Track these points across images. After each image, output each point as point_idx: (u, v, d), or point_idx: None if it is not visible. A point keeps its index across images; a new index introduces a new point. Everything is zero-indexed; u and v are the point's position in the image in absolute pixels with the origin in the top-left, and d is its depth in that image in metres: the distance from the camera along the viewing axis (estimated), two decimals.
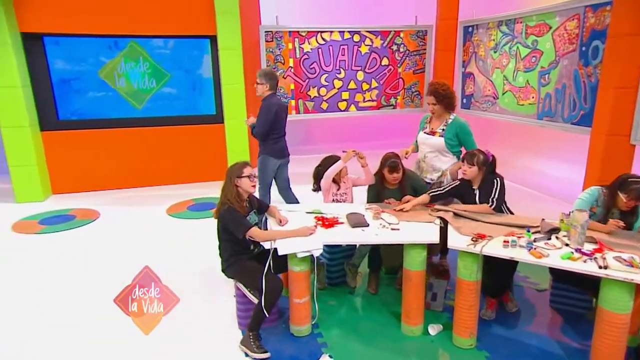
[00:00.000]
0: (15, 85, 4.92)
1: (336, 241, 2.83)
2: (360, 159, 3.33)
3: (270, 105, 3.90)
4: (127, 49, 5.55)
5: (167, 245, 4.08)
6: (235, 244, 2.78)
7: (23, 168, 5.17)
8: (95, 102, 5.62)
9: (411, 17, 6.41)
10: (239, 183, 2.77)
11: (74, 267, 3.63)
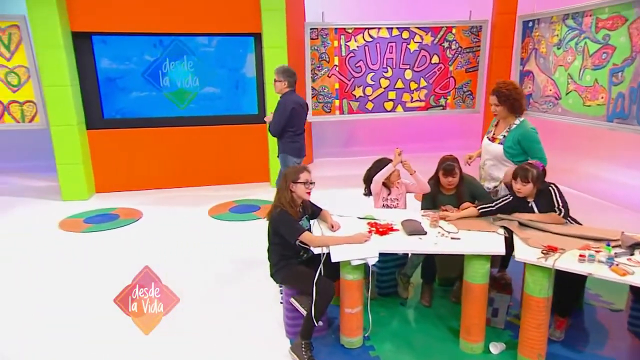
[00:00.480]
0: (65, 84, 5.21)
1: (392, 249, 2.81)
2: (405, 165, 3.28)
3: (286, 103, 3.97)
4: (172, 47, 5.76)
5: (210, 247, 4.19)
6: (284, 248, 2.81)
7: (70, 166, 5.46)
8: (139, 101, 5.86)
9: (464, 12, 6.28)
10: (294, 188, 2.80)
11: (117, 267, 3.78)
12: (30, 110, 5.59)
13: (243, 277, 3.62)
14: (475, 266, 2.67)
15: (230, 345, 2.79)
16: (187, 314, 3.07)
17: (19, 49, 5.34)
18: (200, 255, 4.01)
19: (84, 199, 5.56)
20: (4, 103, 5.49)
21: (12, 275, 3.66)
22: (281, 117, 3.96)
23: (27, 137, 6.39)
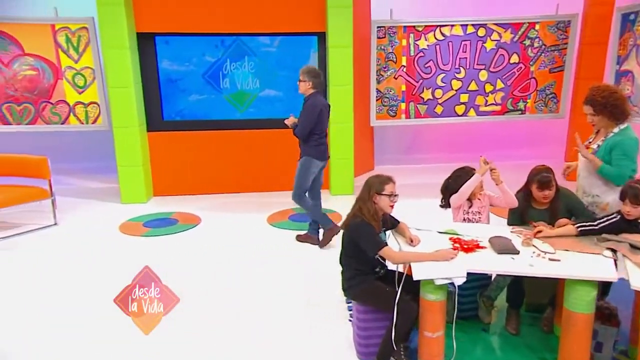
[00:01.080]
0: (128, 86, 5.49)
1: (481, 269, 2.68)
2: (493, 174, 3.13)
3: (315, 105, 4.05)
4: (233, 47, 5.93)
5: (270, 257, 4.22)
6: (359, 262, 2.77)
7: (130, 169, 5.73)
8: (199, 103, 6.06)
9: (550, 6, 5.99)
10: (377, 200, 2.75)
11: (177, 273, 3.89)
12: (93, 111, 5.94)
13: (307, 290, 3.60)
14: (579, 292, 2.48)
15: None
16: (248, 328, 3.10)
17: (87, 51, 5.70)
18: (260, 265, 4.05)
19: (143, 202, 5.82)
20: (70, 104, 5.87)
21: (75, 277, 3.86)
22: (310, 120, 4.05)
23: (89, 138, 6.80)
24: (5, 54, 5.60)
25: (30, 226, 4.96)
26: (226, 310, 3.32)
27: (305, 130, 4.09)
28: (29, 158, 4.93)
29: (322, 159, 4.20)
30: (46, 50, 5.65)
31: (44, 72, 5.73)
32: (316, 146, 4.15)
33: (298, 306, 3.37)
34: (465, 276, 2.54)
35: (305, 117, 4.10)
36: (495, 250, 2.74)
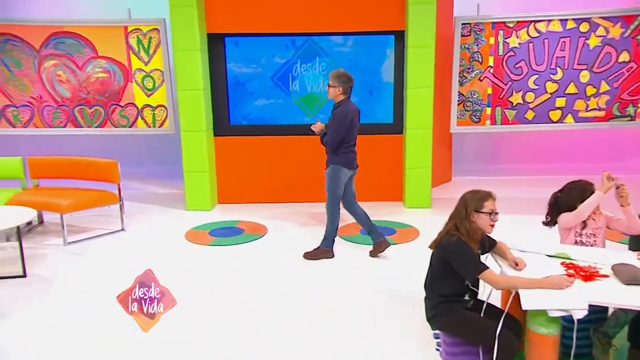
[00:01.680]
0: (198, 88, 5.65)
1: (606, 302, 2.42)
2: (621, 192, 2.85)
3: (347, 112, 4.08)
4: (305, 48, 5.94)
5: (343, 273, 4.12)
6: (447, 287, 2.62)
7: (196, 174, 5.87)
8: (267, 107, 6.12)
9: None
10: (476, 218, 2.58)
11: (246, 285, 3.90)
12: (161, 114, 6.17)
13: (383, 312, 3.46)
14: None
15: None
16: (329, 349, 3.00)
17: (157, 53, 5.94)
18: (332, 282, 3.96)
19: (207, 210, 5.93)
20: (139, 107, 6.14)
21: None
22: (341, 128, 4.09)
23: (154, 142, 7.09)
24: (79, 56, 5.96)
25: (99, 231, 5.20)
26: (298, 328, 3.26)
27: (336, 139, 4.11)
28: (99, 162, 5.18)
29: (351, 167, 4.24)
30: (118, 53, 5.95)
31: (115, 74, 6.04)
32: (345, 154, 4.19)
33: (375, 330, 3.23)
34: (587, 308, 2.31)
35: (336, 125, 4.11)
36: (621, 280, 2.48)
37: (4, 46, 5.87)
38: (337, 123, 4.12)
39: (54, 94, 6.07)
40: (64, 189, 5.20)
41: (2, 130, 6.18)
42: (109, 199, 5.10)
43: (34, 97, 6.08)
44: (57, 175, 5.36)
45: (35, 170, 5.32)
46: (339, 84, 4.14)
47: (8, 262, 4.36)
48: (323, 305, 3.58)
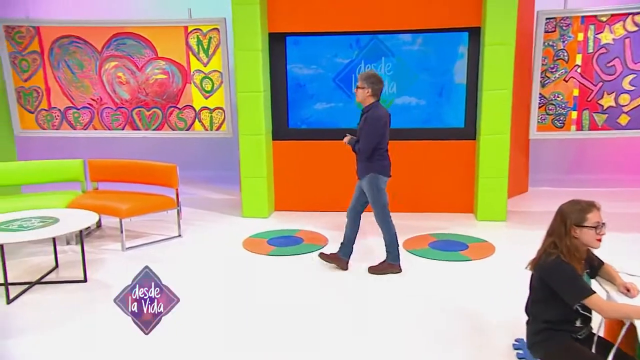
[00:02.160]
0: (258, 90, 5.64)
1: None
2: None
3: (379, 117, 4.02)
4: (370, 47, 5.81)
5: (411, 289, 3.95)
6: (551, 312, 2.38)
7: (254, 180, 5.86)
8: (327, 110, 6.04)
9: None
10: (579, 233, 2.34)
11: (307, 298, 3.81)
12: (218, 117, 6.22)
13: (459, 336, 3.25)
14: None
15: None
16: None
17: (216, 54, 5.99)
18: (398, 299, 3.79)
19: (264, 217, 5.91)
20: (196, 110, 6.22)
21: (201, 295, 3.93)
22: (375, 133, 4.04)
23: (211, 146, 7.17)
24: (140, 57, 6.11)
25: (156, 236, 5.28)
26: (364, 346, 3.11)
27: (370, 145, 4.05)
28: (159, 165, 5.26)
29: (388, 174, 4.19)
30: (177, 53, 6.05)
31: (174, 75, 6.14)
32: (380, 161, 4.14)
33: (456, 355, 3.03)
34: None
35: (370, 130, 4.04)
36: None
37: (68, 48, 6.11)
38: (371, 128, 4.04)
39: (114, 95, 6.26)
40: (123, 192, 5.32)
41: (64, 132, 6.44)
42: (167, 204, 5.17)
43: (94, 98, 6.29)
44: (116, 179, 5.50)
45: (95, 173, 5.49)
46: (369, 85, 4.04)
47: (69, 266, 4.50)
48: (391, 324, 3.41)
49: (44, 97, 6.29)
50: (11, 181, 5.42)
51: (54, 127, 6.40)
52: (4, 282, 3.71)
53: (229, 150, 7.28)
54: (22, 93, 6.27)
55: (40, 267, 4.42)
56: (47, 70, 6.19)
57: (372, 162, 4.11)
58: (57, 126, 6.39)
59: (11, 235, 3.73)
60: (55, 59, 6.16)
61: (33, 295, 3.92)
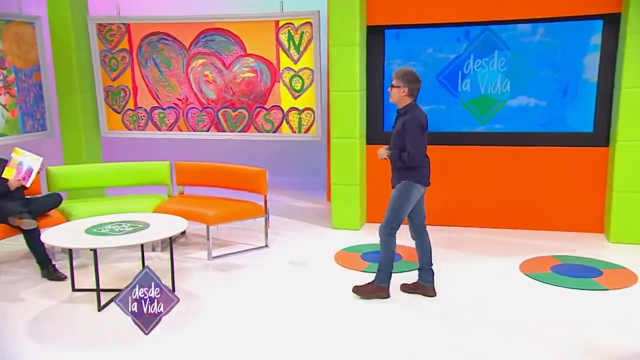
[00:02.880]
0: (353, 89, 5.49)
1: None
2: None
3: (418, 119, 3.90)
4: (481, 39, 5.49)
5: (531, 321, 3.58)
6: None
7: (345, 188, 5.70)
8: (429, 111, 5.61)
9: None
10: None
11: (405, 322, 3.55)
12: (307, 119, 6.14)
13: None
14: None
15: None
16: None
17: (307, 50, 5.92)
18: (525, 330, 3.44)
19: (355, 229, 5.74)
20: (284, 110, 6.18)
21: (291, 312, 3.81)
22: (419, 136, 3.91)
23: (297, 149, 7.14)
24: (228, 55, 6.17)
25: (242, 246, 5.25)
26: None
27: (419, 151, 3.91)
28: (247, 169, 5.24)
29: (425, 183, 4.04)
30: (267, 50, 6.04)
31: (262, 74, 6.14)
32: (420, 167, 3.98)
33: None
34: None
35: (413, 134, 3.89)
36: None
37: (156, 45, 6.30)
38: (415, 132, 3.88)
39: (200, 95, 6.37)
40: (210, 198, 5.35)
41: (148, 133, 6.65)
42: (255, 212, 5.12)
43: (180, 98, 6.44)
44: (201, 183, 5.55)
45: (181, 176, 5.58)
46: (405, 84, 3.88)
47: None
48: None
49: (131, 96, 6.53)
50: (97, 183, 5.62)
51: (139, 128, 6.63)
52: (96, 288, 3.79)
53: (316, 154, 7.22)
54: (109, 92, 6.56)
55: (128, 274, 4.50)
56: (135, 69, 6.43)
57: (411, 169, 3.96)
58: (142, 127, 6.61)
59: (104, 240, 3.81)
60: (143, 57, 6.38)
61: None
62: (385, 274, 4.02)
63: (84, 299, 4.02)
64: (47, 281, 4.35)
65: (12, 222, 4.25)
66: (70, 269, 4.03)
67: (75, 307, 3.92)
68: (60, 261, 4.72)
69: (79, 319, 3.68)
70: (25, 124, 6.16)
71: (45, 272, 4.35)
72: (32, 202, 4.59)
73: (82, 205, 5.06)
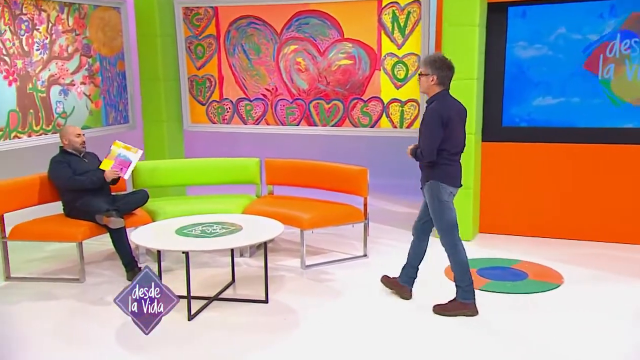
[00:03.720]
0: (471, 77, 5.17)
1: None
2: None
3: (438, 111, 3.77)
4: (630, 16, 5.02)
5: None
6: None
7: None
8: (559, 103, 5.39)
9: None
10: None
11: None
12: (410, 112, 5.85)
13: None
14: None
15: None
16: None
17: (414, 33, 5.64)
18: None
19: (467, 240, 5.37)
20: (384, 102, 5.93)
21: (399, 333, 3.59)
22: (434, 132, 3.77)
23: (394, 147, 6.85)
24: (323, 40, 5.99)
25: (337, 254, 5.06)
26: None
27: (431, 147, 3.79)
28: (346, 168, 5.01)
29: (452, 183, 3.93)
30: (367, 34, 5.81)
31: (361, 60, 5.92)
32: (445, 166, 3.87)
33: None
34: None
35: (427, 127, 3.81)
36: None
37: (245, 30, 6.24)
38: (430, 125, 3.80)
39: (291, 85, 6.25)
40: (303, 199, 5.21)
41: (234, 127, 6.61)
42: (354, 216, 4.91)
43: (269, 88, 6.34)
44: (293, 182, 5.41)
45: (272, 174, 5.47)
46: (433, 70, 3.77)
47: (246, 282, 4.47)
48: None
49: (217, 86, 6.52)
50: (181, 180, 5.65)
51: (224, 121, 6.61)
52: (187, 295, 3.72)
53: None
54: (194, 82, 6.58)
55: (216, 280, 4.44)
56: (221, 57, 6.41)
57: (434, 168, 3.90)
58: (227, 120, 6.58)
59: (197, 242, 3.75)
60: (231, 44, 6.34)
61: (212, 313, 3.90)
62: (465, 289, 3.90)
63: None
64: None
65: (99, 220, 4.29)
66: (159, 272, 3.99)
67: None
68: (143, 263, 4.74)
69: (168, 329, 3.60)
70: (108, 115, 6.32)
71: (131, 275, 4.34)
72: (118, 199, 4.65)
73: (167, 204, 5.09)
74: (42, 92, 5.40)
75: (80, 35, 5.82)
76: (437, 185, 3.89)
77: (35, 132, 5.37)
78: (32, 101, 5.29)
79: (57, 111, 5.60)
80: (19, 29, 5.13)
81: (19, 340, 3.56)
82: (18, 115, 5.16)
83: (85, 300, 4.13)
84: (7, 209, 4.45)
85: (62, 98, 5.64)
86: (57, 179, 4.51)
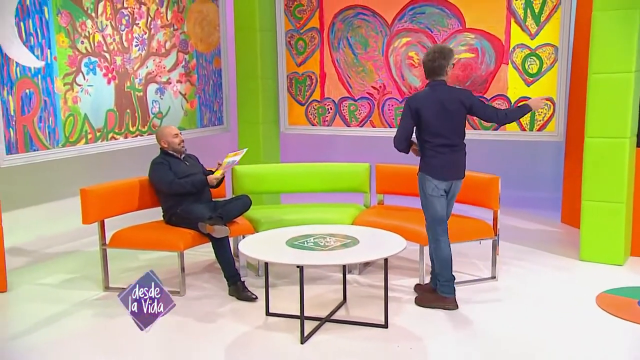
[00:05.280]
0: (628, 70, 4.89)
1: None
2: None
3: (407, 100, 4.23)
4: None
5: None
6: None
7: (605, 206, 5.13)
8: None
9: None
10: None
11: None
12: (543, 112, 5.63)
13: None
14: None
15: None
16: None
17: (551, 20, 5.43)
18: None
19: (617, 264, 5.07)
20: (512, 101, 5.71)
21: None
22: (402, 121, 4.25)
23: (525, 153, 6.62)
24: (441, 30, 5.90)
25: (461, 275, 4.88)
26: None
27: (399, 136, 4.23)
28: (475, 176, 4.80)
29: (437, 176, 4.16)
30: (494, 23, 5.69)
31: (485, 53, 5.77)
32: (429, 158, 4.20)
33: None
34: None
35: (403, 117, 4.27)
36: None
37: (352, 22, 6.26)
38: (403, 114, 4.24)
39: (401, 82, 6.18)
40: (419, 211, 5.02)
41: (335, 129, 6.62)
42: (483, 232, 4.74)
43: (376, 86, 6.30)
44: (406, 191, 5.27)
45: (383, 182, 5.40)
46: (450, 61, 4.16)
47: (358, 302, 4.44)
48: None
49: (318, 85, 6.57)
50: (278, 187, 5.70)
51: (325, 123, 6.64)
52: (300, 315, 3.70)
53: (549, 160, 6.66)
54: (293, 80, 6.67)
55: (325, 299, 4.42)
56: (324, 52, 6.46)
57: (422, 160, 4.27)
58: (329, 122, 6.61)
59: (311, 256, 3.76)
60: (335, 37, 6.38)
61: (326, 336, 3.86)
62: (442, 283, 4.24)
63: (281, 326, 3.99)
64: (235, 300, 4.41)
65: (202, 229, 4.39)
66: (266, 288, 4.01)
67: (272, 336, 3.90)
68: (245, 277, 4.79)
69: (280, 351, 3.62)
70: (203, 116, 6.54)
71: (233, 289, 4.41)
72: (219, 205, 4.74)
73: (268, 213, 5.14)
74: (139, 90, 5.66)
75: (178, 30, 6.06)
76: (423, 177, 4.22)
77: (131, 134, 5.64)
78: (129, 100, 5.56)
79: (152, 111, 5.85)
80: (119, 24, 5.40)
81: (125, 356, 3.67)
82: (115, 115, 5.43)
83: (189, 315, 4.20)
84: (108, 214, 4.64)
85: (158, 97, 5.90)
86: (159, 183, 4.66)
